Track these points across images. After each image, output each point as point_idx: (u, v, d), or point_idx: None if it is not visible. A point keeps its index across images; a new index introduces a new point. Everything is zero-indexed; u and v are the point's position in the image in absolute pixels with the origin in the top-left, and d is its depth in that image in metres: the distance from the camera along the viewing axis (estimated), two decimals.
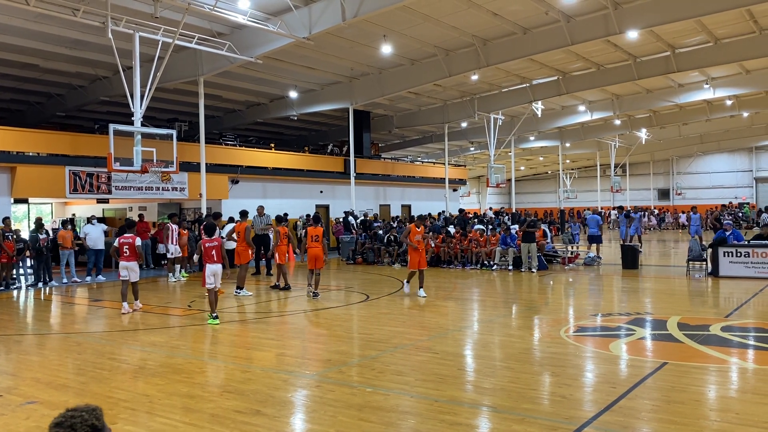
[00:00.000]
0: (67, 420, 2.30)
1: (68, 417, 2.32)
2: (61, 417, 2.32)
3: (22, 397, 6.49)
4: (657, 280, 15.97)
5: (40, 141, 19.57)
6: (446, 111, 31.46)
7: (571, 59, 23.63)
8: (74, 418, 2.31)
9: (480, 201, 61.34)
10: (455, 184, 38.23)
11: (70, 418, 2.31)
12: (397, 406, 5.97)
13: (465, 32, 20.01)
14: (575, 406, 5.90)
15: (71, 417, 2.31)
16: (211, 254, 10.53)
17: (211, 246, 10.59)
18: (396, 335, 9.38)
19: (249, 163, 25.55)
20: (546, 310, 11.89)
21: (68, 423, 2.30)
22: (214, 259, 10.54)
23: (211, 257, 10.54)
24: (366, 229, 24.36)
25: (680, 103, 31.56)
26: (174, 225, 17.62)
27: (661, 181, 56.13)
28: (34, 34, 17.72)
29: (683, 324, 9.60)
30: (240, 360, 7.99)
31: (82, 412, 2.34)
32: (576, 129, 39.53)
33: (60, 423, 2.30)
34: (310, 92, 27.12)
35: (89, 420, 2.32)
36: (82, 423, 2.30)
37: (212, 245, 10.61)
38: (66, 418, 2.31)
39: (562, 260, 19.74)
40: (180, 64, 19.81)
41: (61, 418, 2.32)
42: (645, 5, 17.71)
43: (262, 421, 5.61)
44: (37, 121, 25.94)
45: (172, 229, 17.49)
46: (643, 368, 7.19)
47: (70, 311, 13.07)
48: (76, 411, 2.34)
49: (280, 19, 17.12)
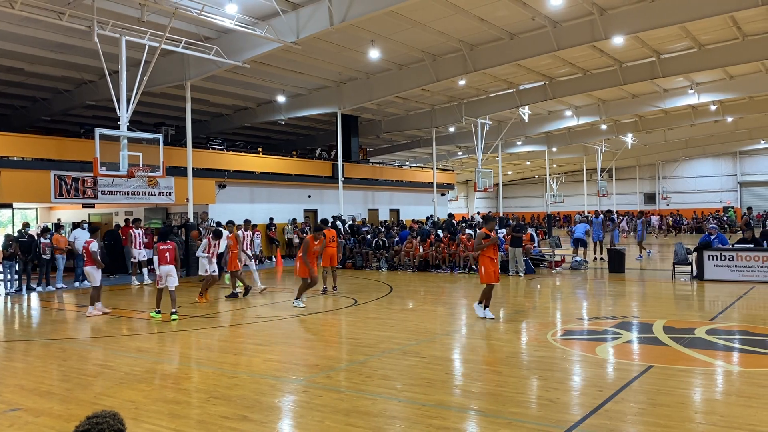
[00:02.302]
0: (93, 427, 2.30)
1: (93, 424, 2.31)
2: (86, 424, 2.31)
3: (5, 404, 6.42)
4: (643, 283, 16.08)
5: (25, 145, 19.39)
6: (434, 116, 31.55)
7: (558, 64, 23.79)
8: (100, 425, 2.30)
9: (468, 205, 61.51)
10: (443, 188, 38.32)
11: (95, 425, 2.30)
12: (385, 411, 5.97)
13: (452, 37, 20.09)
14: (562, 409, 5.93)
15: (97, 423, 2.31)
16: (164, 256, 11.74)
17: (165, 249, 11.78)
18: (384, 340, 9.38)
19: (236, 167, 25.46)
20: (533, 314, 11.93)
21: (96, 429, 2.29)
22: (167, 261, 11.71)
23: (164, 259, 11.71)
24: (354, 233, 24.33)
25: (665, 108, 31.86)
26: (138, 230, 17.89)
27: (647, 185, 56.61)
28: (19, 38, 17.57)
29: (669, 327, 9.67)
30: (227, 365, 7.95)
31: (107, 418, 2.34)
32: (563, 134, 39.79)
33: (87, 430, 2.29)
34: (298, 97, 27.10)
35: (115, 425, 2.33)
36: (109, 428, 2.31)
37: (166, 248, 11.80)
38: (91, 425, 2.30)
39: (549, 264, 19.82)
40: (167, 68, 19.71)
41: (87, 425, 2.31)
42: (630, 11, 17.87)
43: (249, 426, 5.58)
44: (22, 125, 25.69)
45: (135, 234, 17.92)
46: (629, 371, 7.24)
47: (56, 317, 12.94)
48: (100, 417, 2.34)
49: (268, 24, 17.09)
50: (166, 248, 11.76)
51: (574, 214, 43.64)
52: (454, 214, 30.12)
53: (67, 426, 5.65)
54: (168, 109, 26.09)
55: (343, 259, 22.55)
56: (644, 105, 31.40)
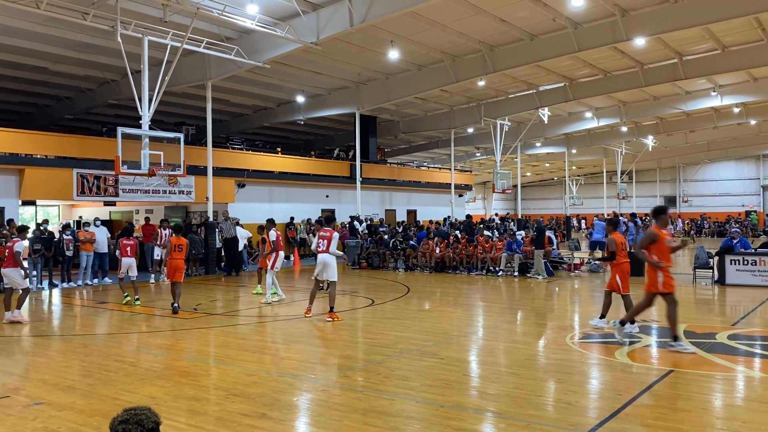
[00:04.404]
0: (132, 417, 2.41)
1: (132, 415, 2.43)
2: (125, 415, 2.43)
3: (29, 398, 6.53)
4: None
5: (49, 143, 19.69)
6: (453, 116, 31.49)
7: (578, 66, 23.64)
8: (139, 416, 2.43)
9: (486, 207, 61.26)
10: (461, 189, 38.24)
11: (134, 415, 2.43)
12: (403, 411, 5.98)
13: (472, 38, 20.05)
14: (580, 412, 5.89)
15: (135, 415, 2.43)
16: (126, 250, 13.52)
17: (128, 243, 13.63)
18: (401, 340, 9.38)
19: (256, 167, 25.63)
20: (551, 316, 11.87)
21: (135, 420, 2.41)
22: (128, 254, 13.52)
23: (125, 252, 13.51)
24: (371, 233, 24.37)
25: (687, 110, 31.51)
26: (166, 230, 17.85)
27: (668, 188, 55.97)
28: (44, 38, 17.85)
29: (689, 332, 9.56)
30: (246, 363, 8.01)
31: (144, 410, 2.47)
32: (582, 135, 39.50)
33: (126, 420, 2.41)
34: (317, 97, 27.20)
35: (152, 417, 2.45)
36: (147, 419, 2.43)
37: (129, 243, 13.65)
38: (131, 416, 2.42)
39: (567, 267, 19.69)
40: (188, 68, 19.90)
41: (126, 415, 2.43)
42: (653, 12, 17.71)
43: (267, 424, 5.62)
44: (45, 123, 26.08)
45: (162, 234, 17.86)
46: (648, 376, 7.17)
47: (77, 313, 13.12)
48: (137, 409, 2.46)
49: (288, 24, 17.19)
50: (128, 243, 13.62)
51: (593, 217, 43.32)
52: (472, 215, 29.98)
53: (90, 420, 5.74)
54: (189, 108, 26.33)
55: (359, 259, 22.60)
56: (666, 107, 31.07)
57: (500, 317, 11.87)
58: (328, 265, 11.16)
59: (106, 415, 5.79)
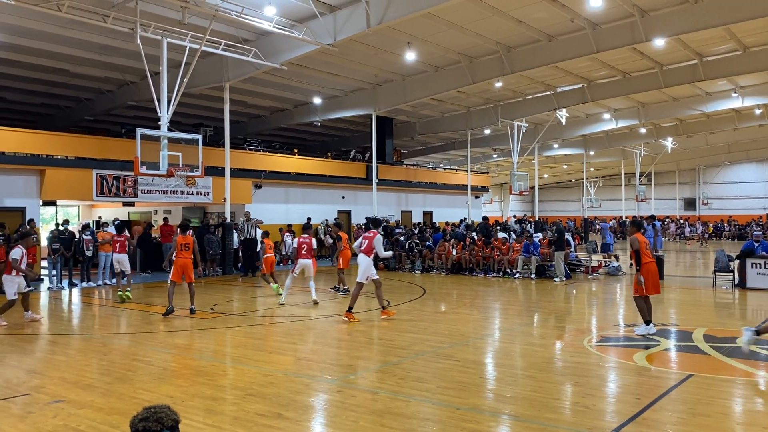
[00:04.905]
0: (152, 416, 2.46)
1: (152, 413, 2.48)
2: (146, 413, 2.47)
3: (49, 395, 6.61)
4: (682, 291, 15.74)
5: (69, 144, 19.93)
6: (469, 118, 31.40)
7: (597, 67, 23.46)
8: (158, 414, 2.47)
9: (502, 208, 61.02)
10: (477, 191, 38.11)
11: (154, 413, 2.47)
12: (419, 413, 5.96)
13: (489, 39, 19.98)
14: (598, 416, 5.84)
15: (155, 412, 2.48)
16: (115, 246, 14.99)
17: (118, 240, 15.01)
18: (417, 342, 9.37)
19: (272, 168, 25.75)
20: (569, 319, 11.78)
21: (155, 418, 2.45)
22: (118, 250, 14.89)
23: (116, 248, 14.94)
24: (387, 235, 24.37)
25: (707, 111, 31.13)
26: None
27: (687, 190, 55.33)
28: (65, 40, 18.07)
29: (709, 336, 9.45)
30: (262, 363, 8.04)
31: (164, 409, 2.51)
32: (600, 137, 39.19)
33: (146, 418, 2.46)
34: (334, 98, 27.27)
35: (172, 415, 2.50)
36: (167, 417, 2.47)
37: (119, 239, 15.03)
38: (150, 414, 2.47)
39: (585, 269, 19.55)
40: (206, 69, 20.06)
41: (146, 413, 2.47)
42: (672, 13, 17.52)
43: (284, 424, 5.64)
44: (66, 125, 26.40)
45: None
46: (667, 380, 7.10)
47: (96, 312, 13.26)
48: (157, 407, 2.51)
49: (306, 26, 17.25)
50: (118, 239, 15.05)
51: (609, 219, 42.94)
52: (489, 216, 29.87)
53: (109, 419, 5.79)
54: (207, 110, 26.51)
55: (375, 260, 22.56)
56: (685, 108, 30.74)
57: (517, 320, 11.81)
58: (360, 264, 11.60)
59: (124, 414, 5.85)
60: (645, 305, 9.73)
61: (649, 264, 9.76)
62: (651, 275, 9.72)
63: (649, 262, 9.77)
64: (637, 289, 9.69)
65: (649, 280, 9.67)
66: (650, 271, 9.73)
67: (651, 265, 9.79)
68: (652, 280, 9.73)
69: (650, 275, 9.70)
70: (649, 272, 9.70)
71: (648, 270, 9.71)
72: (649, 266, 9.76)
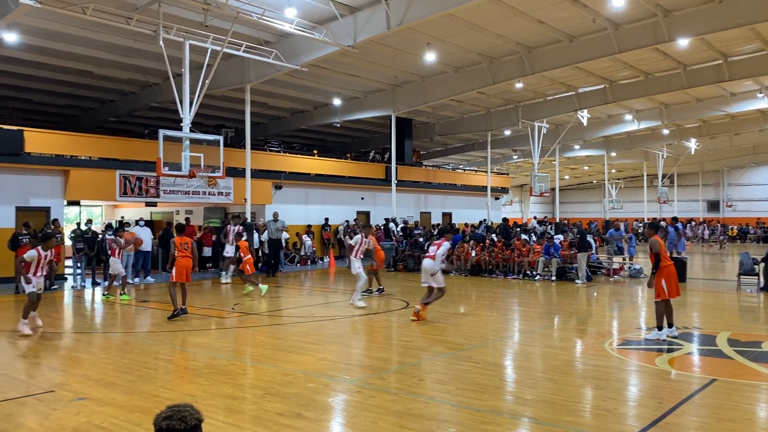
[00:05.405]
0: (176, 414, 2.50)
1: (176, 411, 2.51)
2: (169, 411, 2.52)
3: (72, 393, 6.70)
4: (705, 294, 15.52)
5: (93, 145, 20.20)
6: (489, 119, 31.28)
7: (619, 67, 23.24)
8: (182, 412, 2.51)
9: (522, 210, 60.65)
10: (497, 192, 37.93)
11: (177, 412, 2.51)
12: (438, 415, 5.95)
13: (510, 40, 19.89)
14: (620, 420, 5.78)
15: (179, 411, 2.51)
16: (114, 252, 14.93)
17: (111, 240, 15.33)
18: (436, 343, 9.35)
19: (292, 169, 25.87)
20: (590, 322, 11.68)
21: (178, 416, 2.49)
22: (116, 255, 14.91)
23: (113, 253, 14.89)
24: (406, 236, 24.35)
25: (732, 112, 30.67)
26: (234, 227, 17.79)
27: (711, 192, 54.53)
28: (90, 42, 18.33)
29: (733, 340, 9.31)
30: (282, 363, 8.08)
31: (187, 407, 2.55)
32: (622, 138, 38.82)
33: (170, 416, 2.49)
34: (354, 99, 27.33)
35: (195, 414, 2.53)
36: (190, 416, 2.51)
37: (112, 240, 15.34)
38: (174, 412, 2.51)
39: (606, 272, 19.36)
40: (227, 71, 20.22)
41: (169, 411, 2.51)
42: (696, 13, 17.30)
43: (303, 424, 5.66)
44: (90, 126, 26.78)
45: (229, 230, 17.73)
46: (690, 384, 7.01)
47: (117, 311, 13.42)
48: (180, 406, 2.55)
49: (326, 28, 17.31)
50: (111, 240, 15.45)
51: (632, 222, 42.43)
52: (509, 218, 29.71)
53: (130, 416, 5.86)
54: (228, 111, 26.73)
55: (395, 261, 22.58)
56: (709, 109, 30.33)
57: (537, 322, 11.73)
58: (426, 270, 11.50)
59: (146, 411, 5.91)
60: (665, 309, 9.56)
61: (669, 266, 9.62)
62: (672, 278, 9.58)
63: (668, 265, 9.64)
64: (659, 293, 9.54)
65: (671, 283, 9.53)
66: (671, 273, 9.58)
67: (671, 268, 9.65)
68: (674, 283, 9.59)
69: (671, 278, 9.56)
70: (670, 275, 9.56)
71: (669, 273, 9.55)
72: (670, 269, 9.61)
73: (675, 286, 9.54)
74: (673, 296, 9.50)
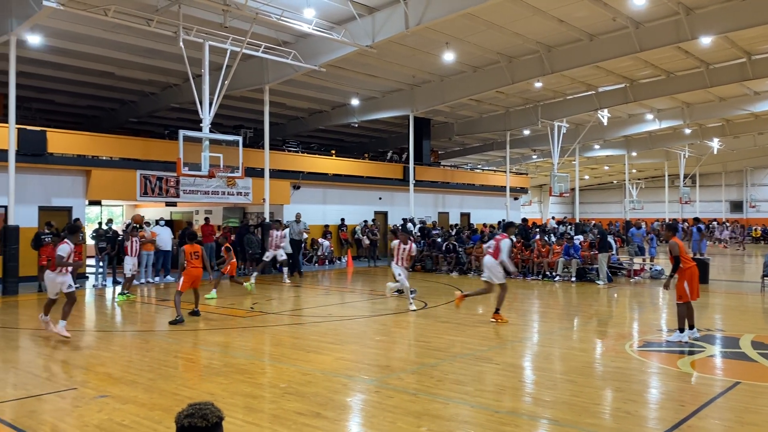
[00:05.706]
0: (197, 412, 2.53)
1: (197, 409, 2.54)
2: (191, 409, 2.54)
3: (94, 390, 6.78)
4: (729, 296, 15.30)
5: (114, 146, 20.41)
6: (508, 118, 31.11)
7: (640, 66, 22.99)
8: (203, 410, 2.53)
9: (542, 210, 60.25)
10: (516, 192, 37.72)
11: (199, 410, 2.54)
12: (457, 416, 5.93)
13: (529, 39, 19.76)
14: (641, 422, 5.72)
15: (200, 409, 2.54)
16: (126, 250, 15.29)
17: None
18: (455, 344, 9.32)
19: (310, 169, 25.95)
20: (611, 323, 11.57)
21: (200, 414, 2.52)
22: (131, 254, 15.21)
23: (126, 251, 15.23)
24: (424, 236, 24.31)
25: (756, 111, 30.18)
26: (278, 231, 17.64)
27: (734, 192, 53.73)
28: (111, 44, 18.54)
29: (758, 342, 9.16)
30: (301, 362, 8.11)
31: (208, 406, 2.57)
32: (643, 138, 38.39)
33: (192, 414, 2.52)
34: (372, 99, 27.34)
35: (216, 412, 2.55)
36: (211, 414, 2.53)
37: None
38: (195, 410, 2.53)
39: (627, 273, 19.16)
40: (247, 72, 20.32)
41: (191, 410, 2.54)
42: (719, 10, 17.06)
43: (322, 423, 5.67)
44: (111, 126, 27.07)
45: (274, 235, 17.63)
46: (713, 387, 6.91)
47: (137, 309, 13.56)
48: (202, 404, 2.57)
49: (344, 28, 17.33)
50: None
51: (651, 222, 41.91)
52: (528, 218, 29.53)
53: (151, 414, 5.91)
54: (247, 111, 26.88)
55: (413, 261, 22.53)
56: (732, 108, 29.87)
57: (557, 323, 11.64)
58: (488, 267, 11.56)
59: (166, 410, 5.96)
60: (687, 312, 9.44)
61: (692, 268, 9.49)
62: (694, 279, 9.45)
63: (691, 266, 9.51)
64: (681, 295, 9.39)
65: (693, 285, 9.39)
66: (694, 275, 9.46)
67: (694, 269, 9.52)
68: (696, 285, 9.46)
69: (694, 279, 9.43)
70: (693, 276, 9.43)
71: (692, 274, 9.43)
72: (692, 270, 9.48)
73: (696, 287, 9.42)
74: (695, 298, 9.39)
